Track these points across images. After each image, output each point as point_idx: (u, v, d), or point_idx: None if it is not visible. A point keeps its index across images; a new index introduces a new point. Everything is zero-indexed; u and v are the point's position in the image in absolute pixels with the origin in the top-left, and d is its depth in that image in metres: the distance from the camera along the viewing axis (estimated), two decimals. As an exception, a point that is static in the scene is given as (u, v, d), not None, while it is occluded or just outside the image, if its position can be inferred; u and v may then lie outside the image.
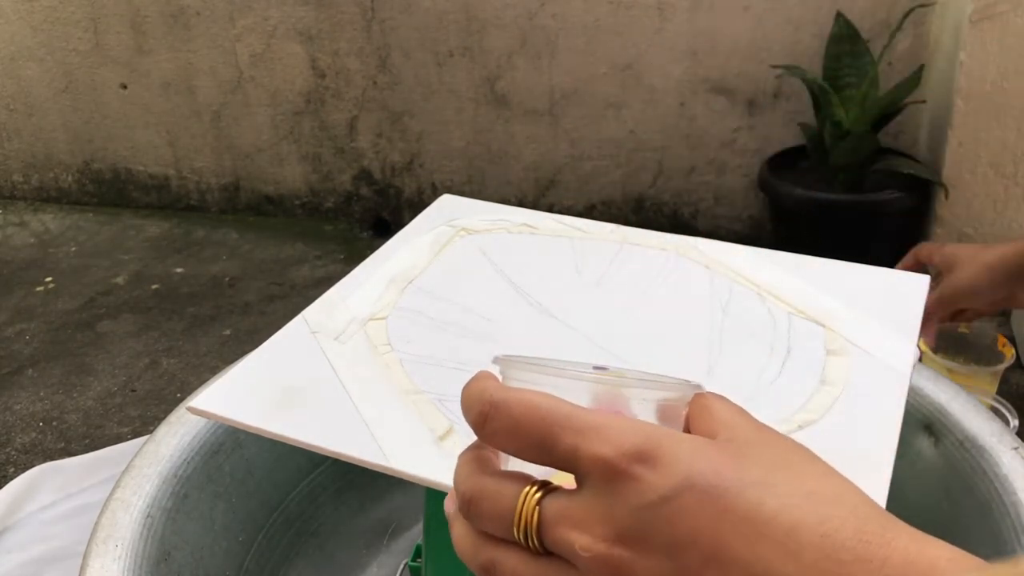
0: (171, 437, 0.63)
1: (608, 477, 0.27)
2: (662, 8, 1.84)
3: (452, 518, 0.32)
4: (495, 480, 0.30)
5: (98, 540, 0.56)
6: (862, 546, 0.26)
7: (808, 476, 0.29)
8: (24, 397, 1.64)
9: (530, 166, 2.10)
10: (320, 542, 0.72)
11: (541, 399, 0.29)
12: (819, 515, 0.27)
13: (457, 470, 0.32)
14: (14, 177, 2.51)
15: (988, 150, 1.59)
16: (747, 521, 0.27)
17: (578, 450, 0.28)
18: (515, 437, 0.29)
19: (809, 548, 0.26)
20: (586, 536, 0.28)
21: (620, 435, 0.28)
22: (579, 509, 0.28)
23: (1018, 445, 0.60)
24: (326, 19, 2.06)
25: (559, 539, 0.28)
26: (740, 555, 0.26)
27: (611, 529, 0.27)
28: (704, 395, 0.32)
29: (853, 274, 0.63)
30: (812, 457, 0.30)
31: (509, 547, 0.30)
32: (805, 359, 0.54)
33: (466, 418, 0.31)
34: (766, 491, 0.27)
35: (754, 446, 0.29)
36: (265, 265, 2.11)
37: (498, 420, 0.30)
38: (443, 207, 0.73)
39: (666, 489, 0.27)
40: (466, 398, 0.31)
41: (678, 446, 0.28)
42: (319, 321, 0.58)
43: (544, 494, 0.29)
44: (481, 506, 0.30)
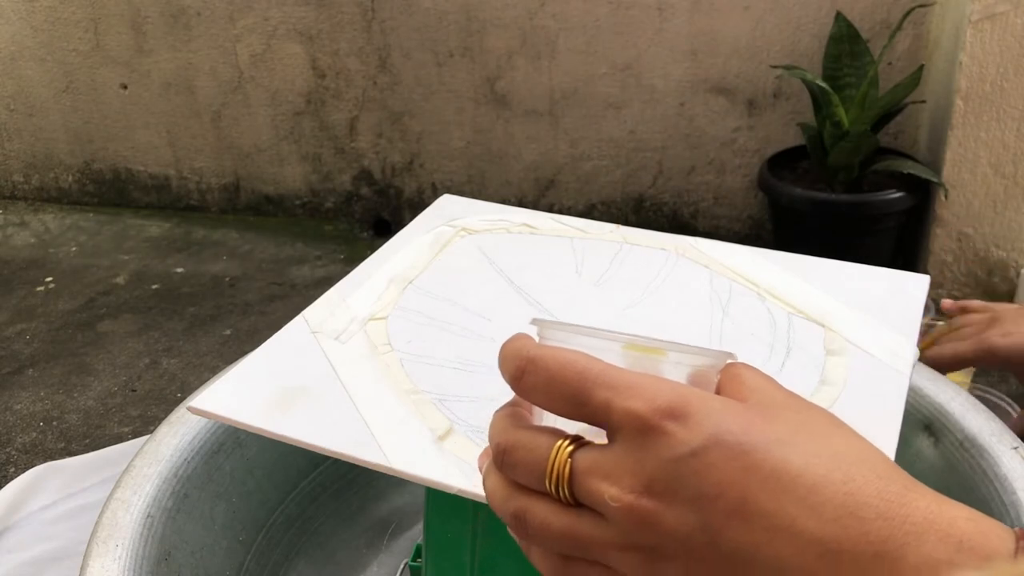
0: (171, 437, 0.63)
1: (639, 431, 0.28)
2: (662, 8, 1.84)
3: (486, 471, 0.33)
4: (529, 432, 0.31)
5: (98, 540, 0.56)
6: (884, 504, 0.27)
7: (834, 438, 0.29)
8: (24, 397, 1.64)
9: (530, 166, 2.10)
10: (320, 542, 0.72)
11: (576, 356, 0.30)
12: (843, 474, 0.27)
13: (492, 424, 0.32)
14: (14, 177, 2.51)
15: (988, 150, 1.59)
16: (772, 476, 0.27)
17: (611, 405, 0.29)
18: (550, 391, 0.30)
19: (831, 504, 0.27)
20: (615, 487, 0.28)
21: (653, 392, 0.29)
22: (610, 461, 0.29)
23: (1018, 445, 0.60)
24: (326, 19, 2.06)
25: (589, 490, 0.29)
26: (764, 508, 0.27)
27: (640, 481, 0.28)
28: (736, 364, 0.33)
29: (853, 274, 0.63)
30: (839, 422, 0.31)
31: (540, 497, 0.30)
32: (805, 359, 0.54)
33: (503, 373, 0.31)
34: (792, 449, 0.28)
35: (782, 409, 0.30)
36: (265, 265, 2.11)
37: (534, 374, 0.30)
38: (443, 207, 0.73)
39: (695, 444, 0.28)
40: (503, 354, 0.32)
41: (708, 404, 0.29)
42: (319, 321, 0.58)
43: (576, 447, 0.30)
44: (515, 456, 0.31)
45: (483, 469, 0.33)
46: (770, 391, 0.31)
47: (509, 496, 0.31)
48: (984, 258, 1.69)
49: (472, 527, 0.53)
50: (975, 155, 1.60)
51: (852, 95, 1.66)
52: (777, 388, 0.32)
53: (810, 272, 0.63)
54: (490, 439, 0.32)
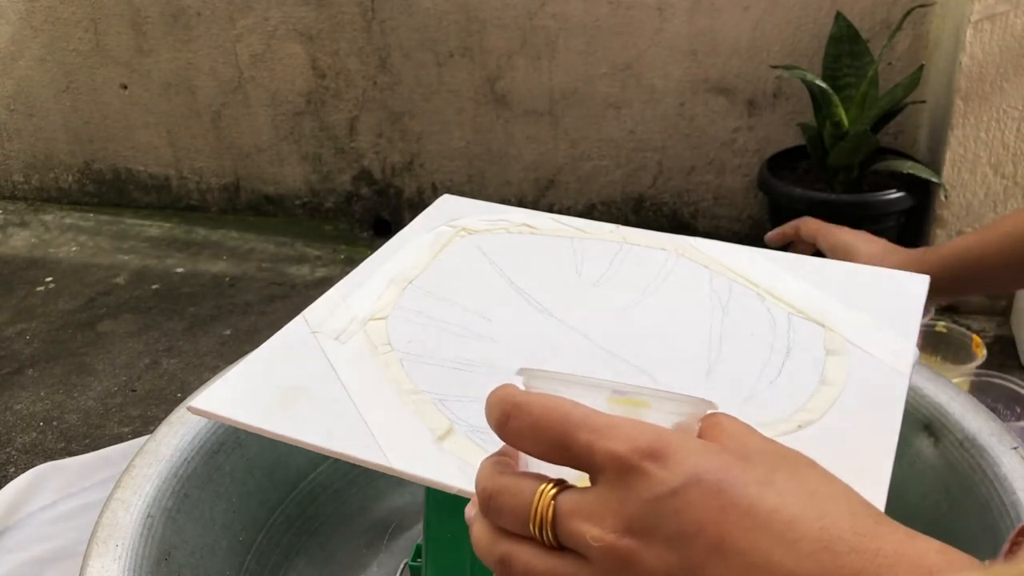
0: (171, 437, 0.63)
1: (620, 471, 0.29)
2: (662, 8, 1.84)
3: (472, 520, 0.34)
4: (514, 478, 0.32)
5: (98, 540, 0.56)
6: (856, 538, 0.28)
7: (808, 478, 0.30)
8: (24, 397, 1.64)
9: (530, 166, 2.10)
10: (320, 542, 0.72)
11: (560, 401, 0.31)
12: (818, 511, 0.28)
13: (479, 472, 0.33)
14: (14, 177, 2.51)
15: (988, 150, 1.59)
16: (749, 514, 0.28)
17: (593, 447, 0.29)
18: (534, 436, 0.31)
19: (807, 539, 0.27)
20: (597, 527, 0.29)
21: (633, 433, 0.29)
22: (592, 503, 0.29)
23: (1018, 445, 0.60)
24: (326, 19, 2.06)
25: (572, 532, 0.30)
26: (742, 546, 0.28)
27: (621, 521, 0.29)
28: (716, 413, 0.34)
29: (853, 274, 0.63)
30: (814, 464, 0.32)
31: (525, 542, 0.31)
32: (805, 359, 0.54)
33: (488, 420, 0.32)
34: (768, 488, 0.29)
35: (759, 453, 0.31)
36: (265, 265, 2.11)
37: (519, 419, 0.31)
38: (443, 207, 0.74)
39: (674, 483, 0.28)
40: (490, 402, 0.33)
41: (687, 444, 0.29)
42: (319, 321, 0.58)
43: (559, 490, 0.30)
44: (500, 501, 0.31)
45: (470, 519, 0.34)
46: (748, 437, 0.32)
47: (494, 542, 0.32)
48: (984, 258, 1.69)
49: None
50: (975, 155, 1.60)
51: (852, 95, 1.66)
52: (755, 435, 0.33)
53: (810, 272, 0.63)
54: (476, 485, 0.33)
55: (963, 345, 1.15)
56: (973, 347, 1.14)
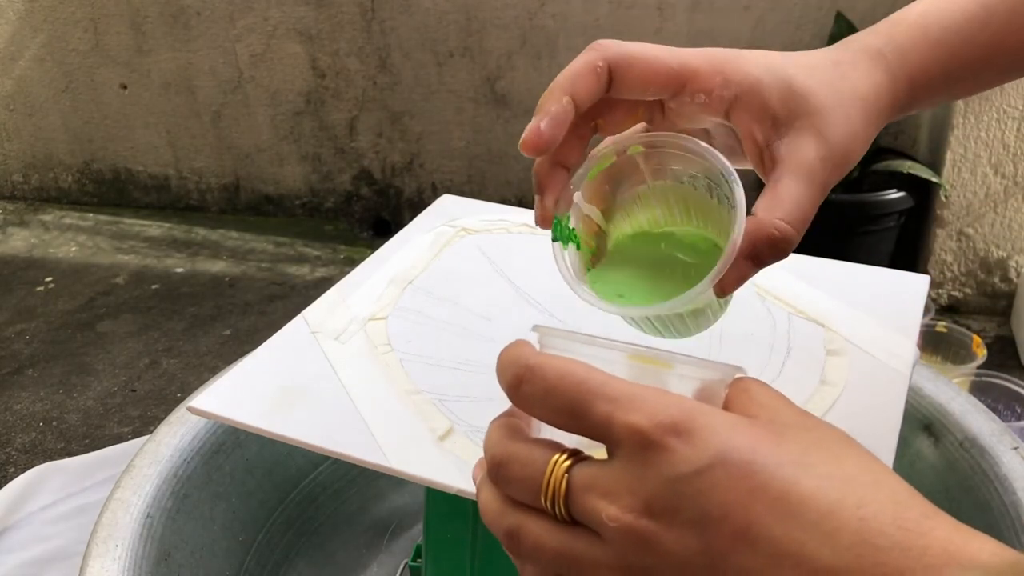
0: (171, 437, 0.63)
1: (640, 447, 0.27)
2: (662, 8, 1.84)
3: (480, 483, 0.31)
4: (525, 446, 0.30)
5: (98, 540, 0.56)
6: (901, 533, 0.25)
7: (847, 459, 0.28)
8: (24, 397, 1.64)
9: (530, 166, 2.09)
10: (320, 542, 0.72)
11: (576, 366, 0.29)
12: (857, 498, 0.26)
13: (488, 435, 0.31)
14: (14, 177, 2.51)
15: (988, 150, 1.59)
16: (781, 500, 0.26)
17: (611, 418, 0.27)
18: (548, 402, 0.29)
19: (845, 531, 0.25)
20: (614, 506, 0.27)
21: (655, 406, 0.27)
22: (608, 478, 0.27)
23: (1018, 445, 0.60)
24: (326, 19, 2.06)
25: (586, 508, 0.28)
26: (771, 533, 0.26)
27: (640, 500, 0.27)
28: (745, 379, 0.31)
29: (853, 274, 0.63)
30: (852, 443, 0.29)
31: (535, 514, 0.29)
32: (805, 359, 0.54)
33: (500, 382, 0.30)
34: (803, 471, 0.26)
35: (792, 428, 0.28)
36: (265, 265, 2.11)
37: (532, 384, 0.29)
38: (443, 207, 0.73)
39: (699, 462, 0.26)
40: (502, 362, 0.30)
41: (714, 420, 0.27)
42: (319, 321, 0.58)
43: (574, 462, 0.28)
44: (510, 470, 0.29)
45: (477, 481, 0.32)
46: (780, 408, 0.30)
47: (503, 512, 0.30)
48: (984, 258, 1.69)
49: (472, 527, 0.53)
50: (975, 155, 1.60)
51: (852, 95, 1.66)
52: (787, 405, 0.30)
53: (810, 272, 0.63)
54: (485, 451, 0.31)
55: (963, 345, 1.15)
56: (973, 347, 1.14)
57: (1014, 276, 1.70)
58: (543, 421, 0.30)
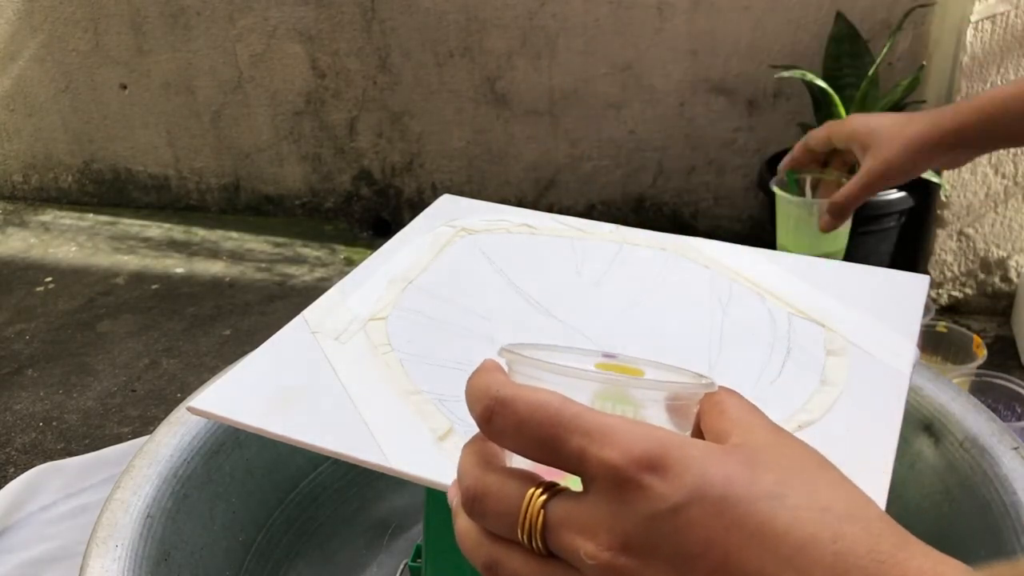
0: (171, 437, 0.63)
1: (616, 484, 0.27)
2: (662, 8, 1.84)
3: (455, 511, 0.31)
4: (500, 478, 0.29)
5: (98, 540, 0.56)
6: (875, 565, 0.25)
7: (822, 487, 0.28)
8: (24, 397, 1.64)
9: (530, 166, 2.10)
10: (320, 542, 0.72)
11: (549, 397, 0.28)
12: (832, 532, 0.26)
13: (461, 462, 0.31)
14: (14, 177, 2.51)
15: (988, 150, 1.59)
16: (758, 535, 0.26)
17: (585, 453, 0.27)
18: (520, 436, 0.29)
19: (820, 566, 0.25)
20: (591, 543, 0.27)
21: (629, 440, 0.27)
22: (585, 514, 0.27)
23: (1018, 445, 0.60)
24: (326, 19, 2.06)
25: (564, 544, 0.28)
26: (748, 568, 0.26)
27: (617, 537, 0.27)
28: (717, 393, 0.31)
29: (853, 274, 0.63)
30: (825, 464, 0.29)
31: (513, 547, 0.29)
32: (805, 359, 0.54)
33: (471, 412, 0.30)
34: (778, 503, 0.27)
35: (766, 451, 0.29)
36: (265, 265, 2.11)
37: (504, 417, 0.29)
38: (443, 207, 0.73)
39: (676, 499, 0.26)
40: (471, 392, 0.30)
41: (688, 453, 0.27)
42: (319, 321, 0.58)
43: (550, 496, 0.28)
44: (485, 504, 0.29)
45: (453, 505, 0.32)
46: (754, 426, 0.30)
47: (480, 544, 0.30)
48: (984, 258, 1.69)
49: (472, 527, 0.53)
50: (975, 155, 1.60)
51: (852, 95, 1.66)
52: (760, 422, 0.30)
53: (810, 272, 0.63)
54: (459, 478, 0.31)
55: (963, 345, 1.15)
56: (973, 347, 1.14)
57: (1014, 276, 1.70)
58: (516, 453, 0.30)
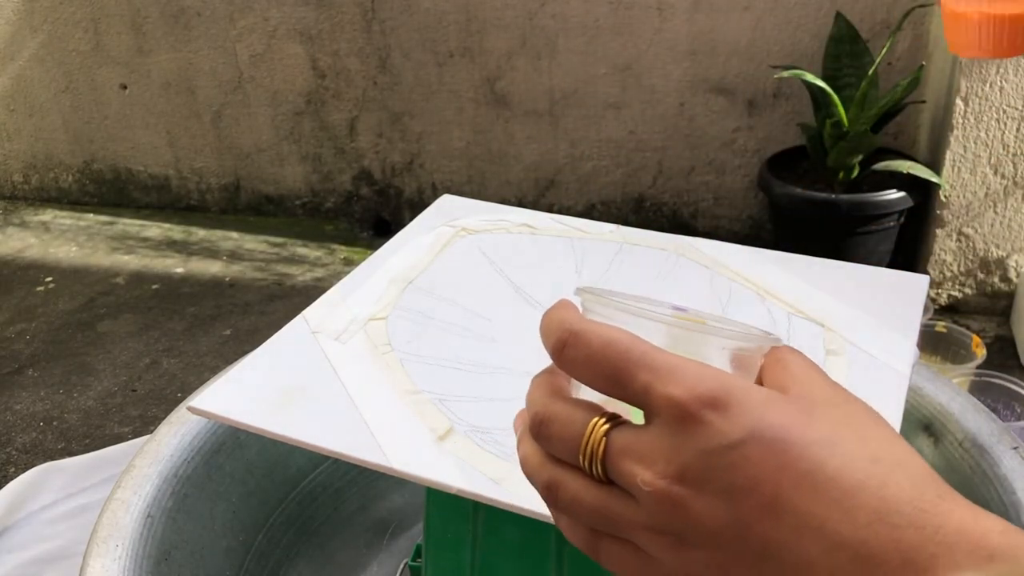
0: (171, 437, 0.63)
1: (677, 418, 0.28)
2: (662, 8, 1.84)
3: (520, 436, 0.33)
4: (567, 406, 0.31)
5: (98, 540, 0.56)
6: (917, 513, 0.27)
7: (873, 440, 0.29)
8: (24, 397, 1.64)
9: (530, 166, 2.10)
10: (320, 542, 0.72)
11: (620, 334, 0.30)
12: (879, 480, 0.27)
13: (531, 391, 0.32)
14: (14, 177, 2.51)
15: (988, 150, 1.59)
16: (808, 476, 0.27)
17: (651, 388, 0.29)
18: (590, 367, 0.30)
19: (865, 509, 0.27)
20: (649, 471, 0.28)
21: (693, 379, 0.28)
22: (645, 444, 0.29)
23: (1018, 445, 0.60)
24: (326, 19, 2.06)
25: (622, 470, 0.29)
26: (796, 507, 0.27)
27: (674, 467, 0.28)
28: (781, 348, 0.32)
29: (853, 274, 0.63)
30: (880, 421, 0.30)
31: (573, 471, 0.30)
32: (805, 359, 0.54)
33: (544, 342, 0.31)
34: (830, 450, 0.28)
35: (824, 405, 0.30)
36: (265, 265, 2.11)
37: (576, 348, 0.30)
38: (443, 207, 0.74)
39: (733, 436, 0.27)
40: (546, 324, 0.31)
41: (749, 396, 0.28)
42: (319, 321, 0.58)
43: (612, 426, 0.30)
44: (551, 428, 0.31)
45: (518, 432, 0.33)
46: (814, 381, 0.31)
47: (542, 466, 0.31)
48: (984, 258, 1.69)
49: (472, 527, 0.53)
50: (975, 155, 1.60)
51: (852, 95, 1.66)
52: (821, 378, 0.31)
53: (810, 272, 0.63)
54: (527, 405, 0.32)
55: (963, 345, 1.16)
56: (973, 347, 1.14)
57: (1014, 276, 1.70)
58: (584, 384, 0.31)
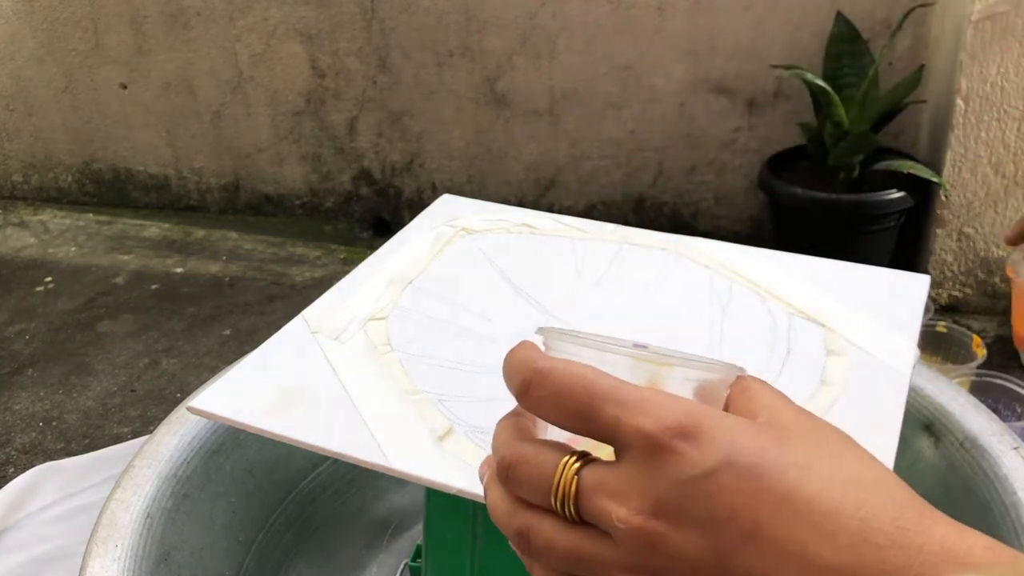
0: (171, 437, 0.63)
1: (649, 450, 0.28)
2: (662, 8, 1.84)
3: (488, 483, 0.32)
4: (535, 447, 0.30)
5: (98, 540, 0.56)
6: (899, 532, 0.26)
7: (848, 461, 0.28)
8: (24, 397, 1.64)
9: (530, 166, 2.09)
10: (320, 542, 0.72)
11: (585, 370, 0.29)
12: (857, 500, 0.27)
13: (496, 435, 0.32)
14: (14, 177, 2.51)
15: (988, 150, 1.59)
16: (786, 502, 0.27)
17: (620, 422, 0.28)
18: (557, 405, 0.29)
19: (845, 531, 0.26)
20: (623, 507, 0.28)
21: (663, 409, 0.28)
22: (618, 480, 0.28)
23: (1018, 445, 0.60)
24: (326, 19, 2.06)
25: (596, 509, 0.28)
26: (776, 534, 0.26)
27: (649, 502, 0.27)
28: (746, 378, 0.32)
29: (853, 274, 0.63)
30: (852, 443, 0.30)
31: (545, 514, 0.30)
32: (805, 359, 0.54)
33: (508, 385, 0.31)
34: (806, 474, 0.27)
35: (795, 429, 0.29)
36: (265, 265, 2.11)
37: (542, 388, 0.30)
38: (443, 207, 0.74)
39: (707, 465, 0.27)
40: (510, 365, 0.31)
41: (720, 423, 0.28)
42: (319, 321, 0.58)
43: (583, 464, 0.29)
44: (520, 472, 0.30)
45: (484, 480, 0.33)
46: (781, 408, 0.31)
47: (513, 512, 0.30)
48: (984, 258, 1.69)
49: (472, 527, 0.53)
50: (975, 155, 1.60)
51: (852, 95, 1.66)
52: (788, 404, 0.31)
53: (810, 272, 0.63)
54: (494, 451, 0.31)
55: (963, 345, 1.15)
56: (973, 347, 1.14)
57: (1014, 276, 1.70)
58: (552, 423, 0.31)
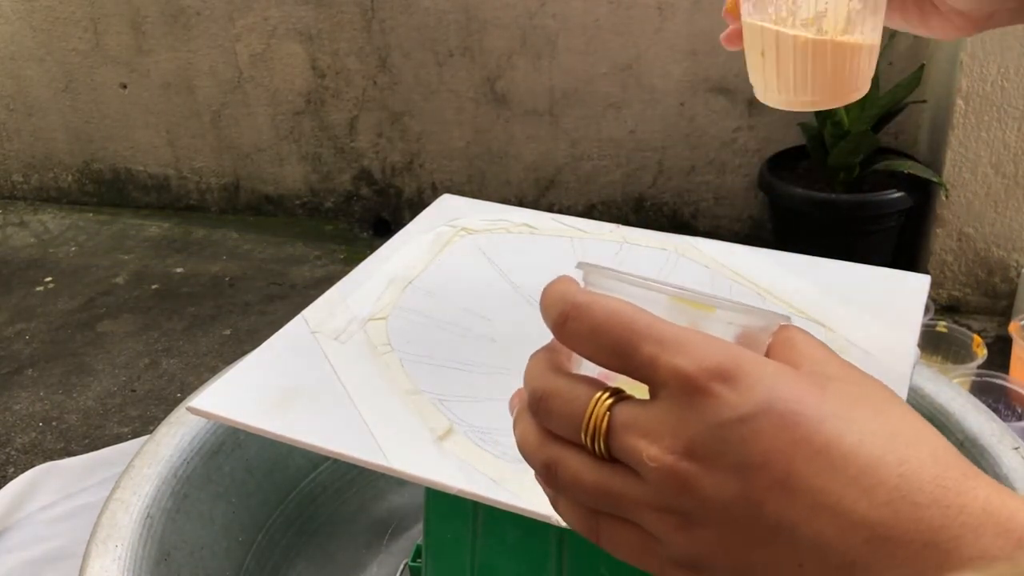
0: (171, 437, 0.63)
1: (685, 391, 0.27)
2: (662, 8, 1.84)
3: (517, 415, 0.31)
4: (568, 381, 0.30)
5: (98, 540, 0.56)
6: (940, 491, 0.25)
7: (890, 416, 0.28)
8: (24, 397, 1.64)
9: (530, 166, 2.09)
10: (320, 542, 0.72)
11: (624, 306, 0.29)
12: (898, 455, 0.26)
13: (529, 367, 0.31)
14: (14, 177, 2.51)
15: (989, 150, 1.59)
16: (823, 452, 0.26)
17: (657, 360, 0.27)
18: (594, 340, 0.29)
19: (884, 487, 0.25)
20: (655, 447, 0.27)
21: (702, 350, 0.27)
22: (651, 419, 0.28)
23: (1018, 445, 0.60)
24: (326, 19, 2.06)
25: (627, 447, 0.28)
26: (810, 484, 0.26)
27: (682, 442, 0.27)
28: (790, 327, 0.31)
29: (853, 274, 0.63)
30: (895, 399, 0.29)
31: (574, 448, 0.29)
32: (805, 359, 0.54)
33: (545, 318, 0.30)
34: (846, 425, 0.26)
35: (838, 381, 0.28)
36: (265, 265, 2.11)
37: (579, 321, 0.29)
38: (443, 207, 0.74)
39: (744, 409, 0.26)
40: (547, 297, 0.30)
41: (761, 368, 0.27)
42: (319, 321, 0.58)
43: (616, 400, 0.29)
44: (551, 404, 0.29)
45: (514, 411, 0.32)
46: (825, 359, 0.30)
47: (541, 444, 0.30)
48: (984, 258, 1.69)
49: (472, 527, 0.53)
50: (975, 155, 1.60)
51: (852, 95, 1.66)
52: (832, 356, 0.30)
53: (810, 272, 0.63)
54: (526, 383, 0.31)
55: (963, 345, 1.16)
56: (973, 347, 1.14)
57: (1014, 276, 1.70)
58: (587, 359, 0.30)
